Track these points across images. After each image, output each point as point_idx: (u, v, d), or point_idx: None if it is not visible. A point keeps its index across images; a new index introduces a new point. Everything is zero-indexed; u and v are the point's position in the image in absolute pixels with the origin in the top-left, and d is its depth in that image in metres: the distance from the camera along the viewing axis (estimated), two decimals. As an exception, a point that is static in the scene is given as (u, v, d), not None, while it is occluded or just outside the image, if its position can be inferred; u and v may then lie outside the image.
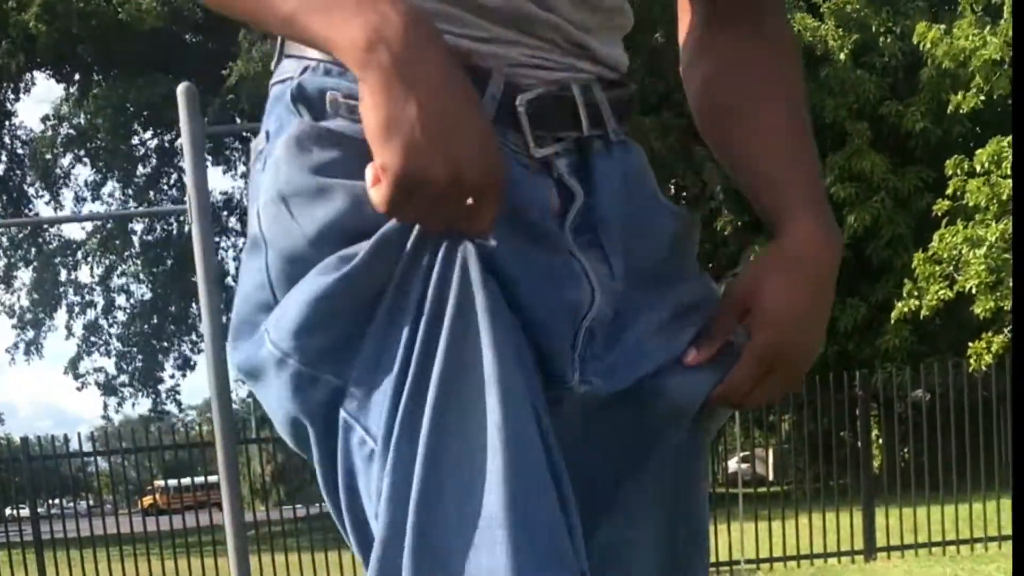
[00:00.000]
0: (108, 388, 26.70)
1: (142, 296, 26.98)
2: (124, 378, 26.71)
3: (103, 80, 21.52)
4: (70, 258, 26.23)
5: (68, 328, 26.71)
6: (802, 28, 18.29)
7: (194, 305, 24.80)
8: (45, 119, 23.69)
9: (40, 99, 31.54)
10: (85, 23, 20.06)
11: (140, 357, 26.67)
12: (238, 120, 24.19)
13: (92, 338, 26.71)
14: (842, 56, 18.23)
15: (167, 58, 21.11)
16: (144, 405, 27.42)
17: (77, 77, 23.21)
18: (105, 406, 27.41)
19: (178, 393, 27.42)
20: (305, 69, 1.11)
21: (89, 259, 26.23)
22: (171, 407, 28.02)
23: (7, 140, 25.33)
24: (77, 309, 26.79)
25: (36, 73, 24.18)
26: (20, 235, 25.35)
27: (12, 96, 24.82)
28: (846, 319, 19.02)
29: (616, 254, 1.14)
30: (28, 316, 26.45)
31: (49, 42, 19.98)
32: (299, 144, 1.06)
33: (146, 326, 26.74)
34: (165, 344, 26.98)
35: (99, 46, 20.62)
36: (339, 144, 1.05)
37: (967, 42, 14.82)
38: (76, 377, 26.66)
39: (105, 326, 26.94)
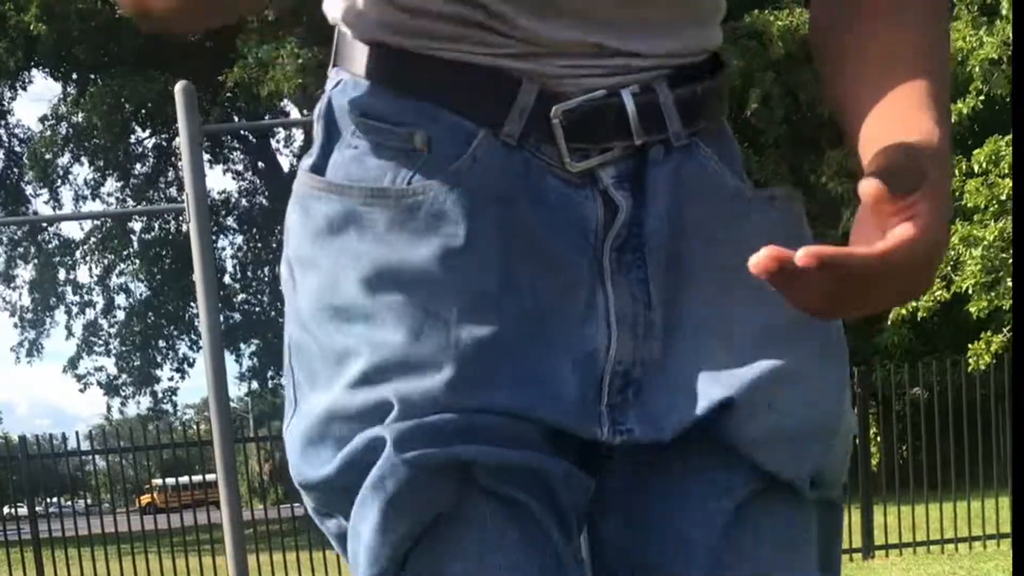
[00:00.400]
0: (108, 388, 26.68)
1: (140, 295, 26.97)
2: (123, 377, 26.70)
3: (100, 79, 21.49)
4: (68, 257, 26.22)
5: (68, 328, 26.70)
6: (800, 23, 18.31)
7: (192, 304, 24.79)
8: (44, 119, 23.69)
9: (38, 97, 31.51)
10: (84, 24, 20.06)
11: (138, 356, 26.65)
12: (236, 118, 24.24)
13: (91, 337, 26.70)
14: None
15: (164, 57, 21.09)
16: (143, 404, 27.41)
17: (75, 76, 23.21)
18: (109, 408, 27.45)
19: (174, 393, 27.41)
20: (338, 83, 1.09)
21: (87, 258, 26.22)
22: (168, 407, 28.05)
23: (5, 138, 25.35)
24: (76, 309, 26.79)
25: (35, 72, 24.18)
26: (18, 233, 25.35)
27: (9, 94, 24.82)
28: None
29: (658, 277, 1.03)
30: (27, 315, 26.44)
31: (48, 42, 19.99)
32: (303, 207, 1.07)
33: (144, 325, 26.72)
34: (162, 343, 26.96)
35: (97, 45, 20.61)
36: (343, 194, 1.03)
37: (964, 43, 14.82)
38: (78, 379, 26.64)
39: (105, 325, 26.93)
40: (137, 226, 26.07)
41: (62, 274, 26.41)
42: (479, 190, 1.00)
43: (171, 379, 27.05)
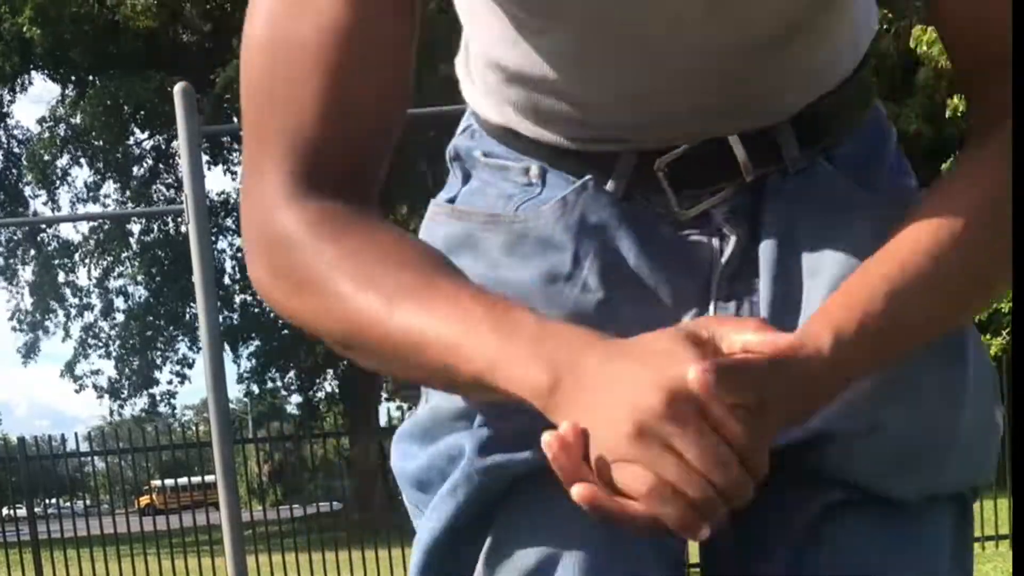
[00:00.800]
0: (106, 390, 26.61)
1: (139, 297, 26.96)
2: (121, 379, 26.64)
3: (97, 80, 21.43)
4: (67, 259, 26.18)
5: (65, 329, 26.65)
6: None
7: (191, 305, 24.79)
8: (41, 121, 23.68)
9: (37, 99, 31.52)
10: (77, 27, 20.04)
11: (136, 358, 26.62)
12: (234, 119, 24.22)
13: (89, 339, 26.64)
14: None
15: (160, 56, 21.07)
16: (139, 405, 27.36)
17: (72, 78, 23.18)
18: (111, 412, 27.40)
19: (172, 396, 27.33)
20: (466, 129, 1.16)
21: (86, 260, 26.19)
22: (165, 408, 28.03)
23: (4, 140, 25.31)
24: (74, 311, 26.74)
25: (34, 73, 24.17)
26: (17, 235, 25.33)
27: (8, 97, 24.79)
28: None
29: (767, 302, 1.02)
30: (27, 317, 26.39)
31: (43, 45, 19.96)
32: (426, 230, 1.13)
33: (142, 327, 26.70)
34: (161, 345, 26.93)
35: (92, 48, 20.58)
36: (462, 218, 1.09)
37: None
38: (74, 380, 26.59)
39: (105, 327, 26.89)
40: (136, 228, 26.06)
41: (61, 275, 26.37)
42: (584, 222, 1.03)
43: (170, 382, 26.99)
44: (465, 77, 1.15)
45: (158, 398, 26.48)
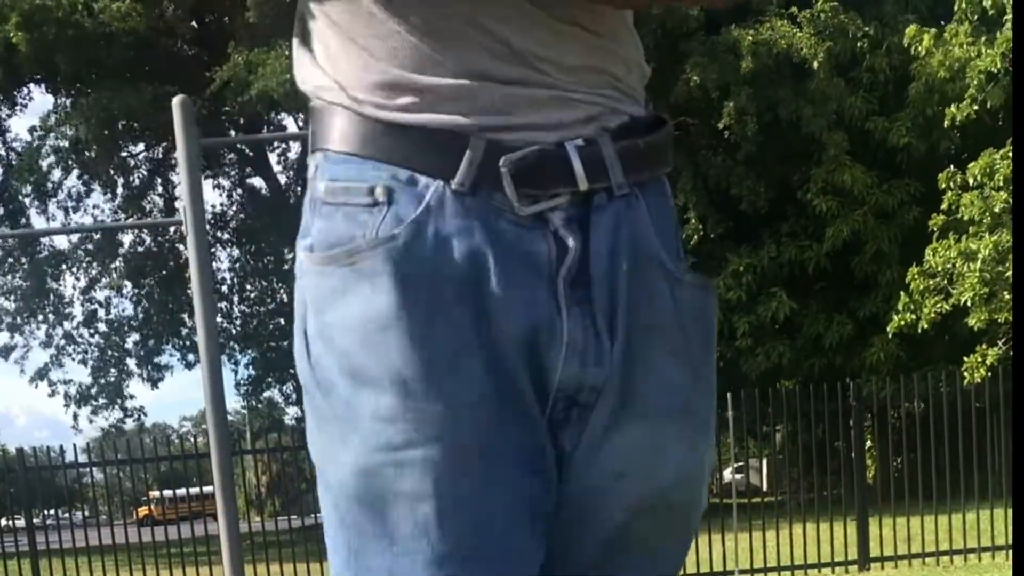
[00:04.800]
0: (81, 400, 26.50)
1: (137, 307, 26.92)
2: (98, 391, 26.54)
3: (88, 90, 21.30)
4: (59, 268, 26.12)
5: (51, 340, 26.55)
6: (773, 39, 18.41)
7: (184, 316, 24.79)
8: (32, 130, 23.63)
9: (34, 112, 31.49)
10: (63, 31, 19.97)
11: (125, 369, 26.59)
12: (231, 131, 24.22)
13: (76, 350, 26.54)
14: (815, 65, 18.29)
15: (151, 64, 21.03)
16: (131, 418, 27.33)
17: (63, 89, 23.10)
18: (120, 422, 27.36)
19: (143, 413, 27.26)
20: (315, 169, 1.22)
21: (77, 271, 26.15)
22: (158, 420, 28.01)
23: (3, 153, 25.26)
24: (68, 323, 26.68)
25: (32, 87, 24.17)
26: (15, 247, 25.29)
27: (6, 112, 24.78)
28: (832, 335, 19.07)
29: (603, 312, 1.16)
30: (19, 326, 26.34)
31: (30, 52, 19.89)
32: (312, 285, 1.22)
33: (136, 337, 26.70)
34: (157, 354, 26.90)
35: (80, 55, 20.51)
36: (327, 266, 1.19)
37: (961, 51, 14.87)
38: (81, 402, 26.47)
39: (99, 339, 26.83)
40: (127, 239, 26.04)
41: (55, 286, 26.33)
42: (437, 237, 1.12)
43: (148, 390, 26.97)
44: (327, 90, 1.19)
45: (130, 410, 26.43)
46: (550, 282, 1.14)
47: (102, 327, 26.75)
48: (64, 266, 26.03)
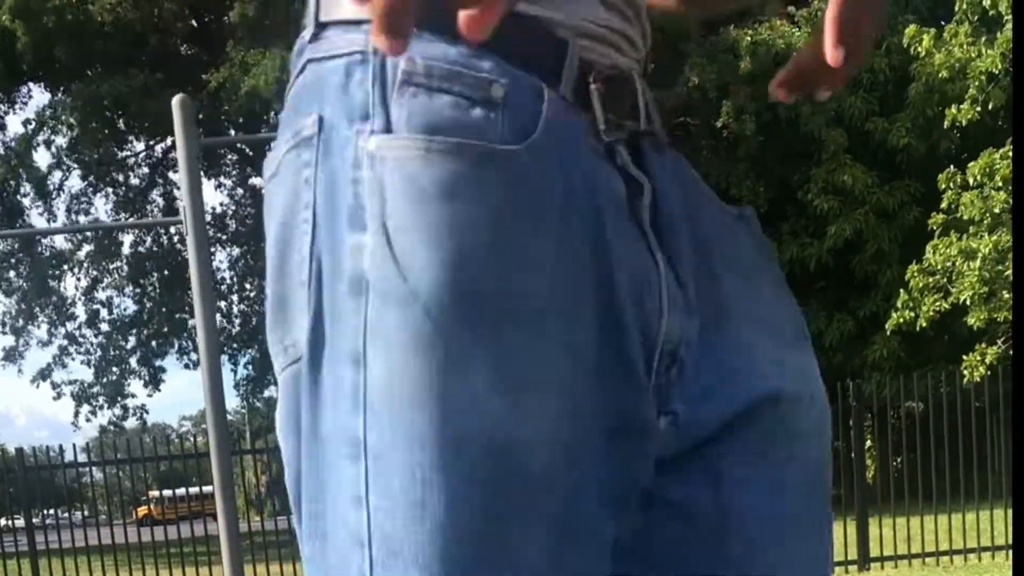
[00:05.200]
0: (83, 398, 26.52)
1: (138, 306, 26.94)
2: (100, 390, 26.55)
3: (78, 81, 21.23)
4: (60, 269, 26.13)
5: (52, 340, 26.58)
6: (771, 39, 18.44)
7: (186, 315, 24.78)
8: (26, 123, 23.62)
9: (31, 111, 31.42)
10: (61, 20, 19.95)
11: (126, 369, 26.60)
12: (230, 130, 24.21)
13: (76, 349, 26.55)
14: None
15: (145, 56, 20.98)
16: (133, 417, 27.35)
17: (54, 83, 23.07)
18: (120, 419, 27.37)
19: (145, 412, 27.28)
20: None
21: (78, 271, 26.15)
22: (157, 419, 28.07)
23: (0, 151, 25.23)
24: (71, 323, 26.69)
25: (31, 84, 24.16)
26: (16, 246, 25.29)
27: (4, 108, 24.77)
28: (832, 333, 19.09)
29: (686, 257, 1.04)
30: (18, 326, 26.35)
31: (27, 40, 19.87)
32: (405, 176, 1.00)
33: (137, 337, 26.70)
34: (157, 355, 26.91)
35: (76, 46, 20.48)
36: (448, 154, 0.97)
37: (962, 52, 14.86)
38: (83, 400, 26.49)
39: (100, 338, 26.83)
40: (127, 239, 26.07)
41: (55, 286, 26.34)
42: (560, 161, 0.96)
43: (151, 391, 26.93)
44: None
45: (132, 408, 26.47)
46: (638, 224, 1.02)
47: (104, 327, 26.77)
48: (65, 266, 26.03)
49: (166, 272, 25.81)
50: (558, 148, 0.95)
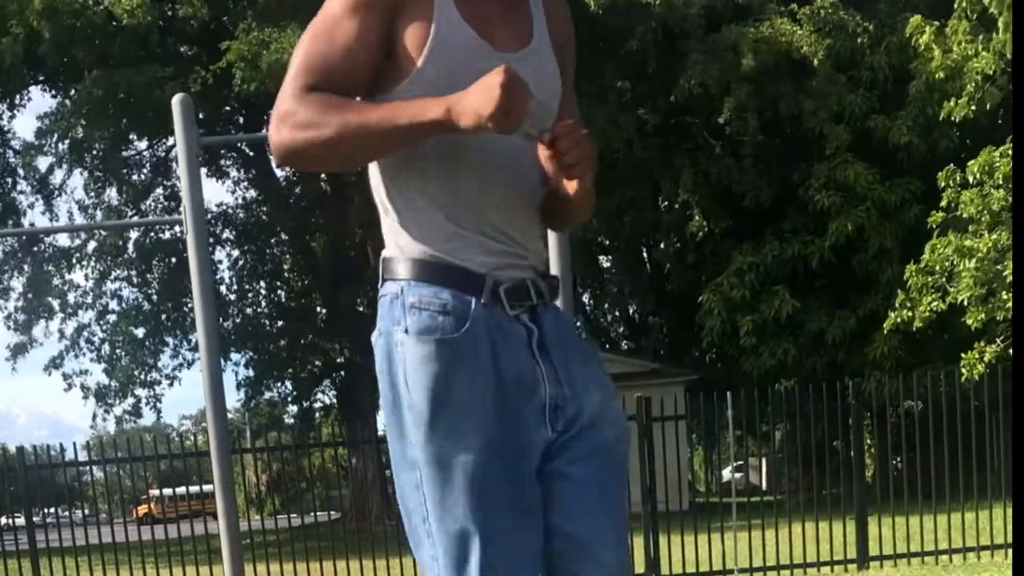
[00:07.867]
0: (97, 395, 26.52)
1: (135, 302, 26.95)
2: (115, 384, 26.53)
3: (92, 73, 21.13)
4: (62, 267, 26.09)
5: (64, 334, 26.55)
6: (774, 36, 18.43)
7: (188, 313, 24.74)
8: (41, 117, 23.57)
9: (34, 111, 31.38)
10: (82, 19, 19.90)
11: (132, 367, 26.58)
12: (231, 129, 24.20)
13: (84, 347, 26.53)
14: (816, 62, 18.32)
15: (158, 50, 20.92)
16: (141, 415, 27.32)
17: (63, 80, 23.02)
18: (119, 421, 27.33)
19: (159, 401, 27.21)
20: (399, 290, 2.17)
21: (78, 267, 26.13)
22: (156, 417, 28.03)
23: (1, 150, 25.19)
24: (73, 322, 26.67)
25: (34, 87, 24.16)
26: (16, 244, 25.28)
27: (9, 113, 24.77)
28: (834, 330, 19.10)
29: (559, 360, 2.21)
30: (21, 325, 26.29)
31: (50, 38, 19.82)
32: (425, 357, 2.19)
33: (139, 336, 26.69)
34: (156, 354, 26.89)
35: (92, 45, 20.44)
36: (440, 345, 2.16)
37: (959, 51, 14.85)
38: (101, 401, 26.45)
39: (103, 336, 26.82)
40: (129, 240, 26.04)
41: (57, 284, 26.30)
42: (481, 330, 2.11)
43: (160, 386, 26.92)
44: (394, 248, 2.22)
45: (144, 403, 26.43)
46: (528, 349, 2.18)
47: (107, 326, 26.77)
48: (69, 264, 26.00)
49: (165, 271, 25.80)
50: (483, 327, 2.11)
